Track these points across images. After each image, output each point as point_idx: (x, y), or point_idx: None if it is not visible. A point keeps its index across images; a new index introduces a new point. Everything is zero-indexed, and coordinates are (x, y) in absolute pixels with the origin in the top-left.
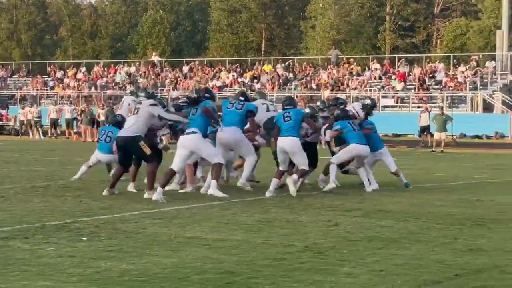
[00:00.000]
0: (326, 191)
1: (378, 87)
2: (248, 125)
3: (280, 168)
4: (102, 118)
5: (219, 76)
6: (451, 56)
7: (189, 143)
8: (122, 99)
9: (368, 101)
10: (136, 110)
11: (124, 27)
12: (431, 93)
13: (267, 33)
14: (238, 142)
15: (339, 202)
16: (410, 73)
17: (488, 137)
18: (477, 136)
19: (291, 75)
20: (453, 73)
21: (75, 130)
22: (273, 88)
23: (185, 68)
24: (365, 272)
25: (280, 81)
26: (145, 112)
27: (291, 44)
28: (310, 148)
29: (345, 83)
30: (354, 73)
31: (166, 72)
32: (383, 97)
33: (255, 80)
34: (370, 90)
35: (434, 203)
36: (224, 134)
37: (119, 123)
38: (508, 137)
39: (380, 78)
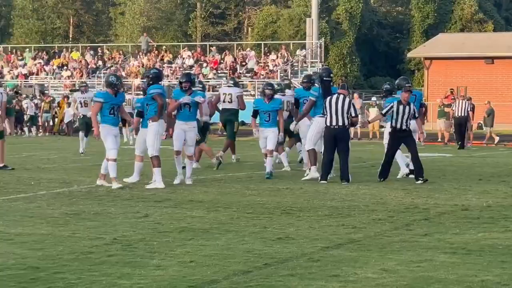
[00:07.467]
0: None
1: None
2: None
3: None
4: None
5: (25, 64)
6: (262, 44)
7: None
8: None
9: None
10: None
11: None
12: (242, 81)
13: (74, 19)
14: None
15: (149, 193)
16: (222, 61)
17: None
18: None
19: (100, 62)
20: (264, 61)
21: None
22: (81, 76)
23: None
24: (175, 264)
25: (89, 69)
26: None
27: (100, 30)
28: None
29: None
30: (165, 60)
31: None
32: None
33: (64, 68)
34: None
35: (244, 192)
36: None
37: None
38: None
39: (191, 66)
